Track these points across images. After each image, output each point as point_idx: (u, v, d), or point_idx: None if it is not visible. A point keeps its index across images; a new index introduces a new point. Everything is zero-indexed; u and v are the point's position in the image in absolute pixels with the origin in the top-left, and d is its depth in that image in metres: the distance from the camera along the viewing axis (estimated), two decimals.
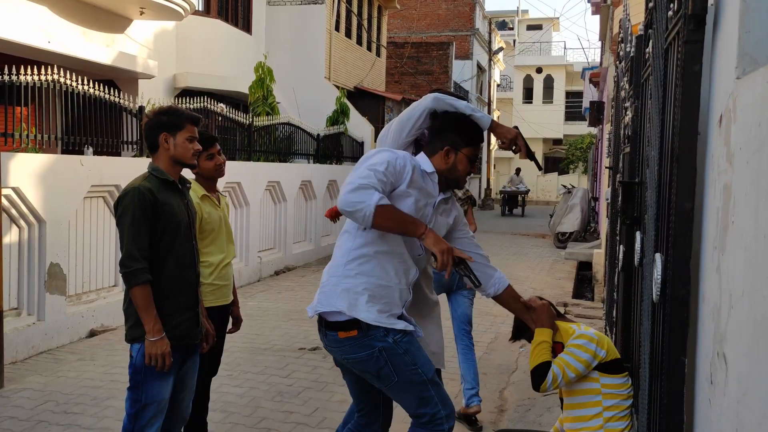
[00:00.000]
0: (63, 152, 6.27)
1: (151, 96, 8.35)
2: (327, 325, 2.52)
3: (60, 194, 5.70)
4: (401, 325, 2.51)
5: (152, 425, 2.68)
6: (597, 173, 15.88)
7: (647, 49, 2.79)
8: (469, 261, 2.53)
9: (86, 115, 6.36)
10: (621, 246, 3.62)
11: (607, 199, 5.56)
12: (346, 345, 2.48)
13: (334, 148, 13.11)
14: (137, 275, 2.60)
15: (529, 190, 25.44)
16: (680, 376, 1.69)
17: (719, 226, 1.45)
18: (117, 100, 6.73)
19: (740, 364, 1.24)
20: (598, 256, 9.73)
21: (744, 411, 1.19)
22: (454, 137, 2.64)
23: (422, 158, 2.65)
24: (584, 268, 11.20)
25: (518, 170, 25.48)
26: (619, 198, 3.40)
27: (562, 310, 7.58)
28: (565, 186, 17.35)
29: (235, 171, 8.70)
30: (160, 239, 2.69)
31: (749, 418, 1.15)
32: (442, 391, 2.59)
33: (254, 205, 9.13)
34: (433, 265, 2.75)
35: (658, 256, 1.95)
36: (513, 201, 23.91)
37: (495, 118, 4.82)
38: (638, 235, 2.79)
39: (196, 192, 3.26)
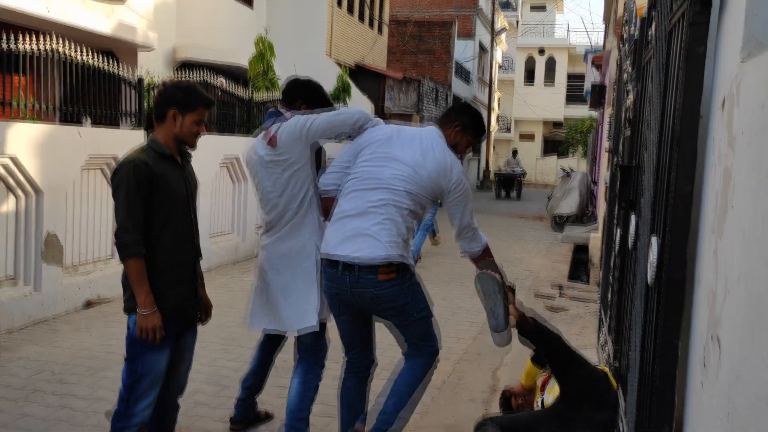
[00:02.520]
0: (61, 122, 6.23)
1: (151, 68, 8.28)
2: (364, 269, 2.88)
3: (57, 164, 5.68)
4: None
5: (148, 396, 2.70)
6: (596, 157, 15.86)
7: (650, 32, 2.77)
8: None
9: (85, 85, 6.31)
10: (618, 229, 3.63)
11: (606, 183, 5.55)
12: (383, 284, 2.90)
13: None
14: (130, 248, 2.60)
15: (525, 172, 24.62)
16: (673, 359, 1.70)
17: (718, 210, 1.45)
18: (116, 71, 6.67)
19: (734, 348, 1.24)
20: (594, 239, 9.75)
21: (736, 394, 1.20)
22: (467, 123, 3.26)
23: (446, 146, 3.19)
24: (581, 251, 11.23)
25: (515, 152, 24.97)
26: (617, 181, 3.40)
27: (557, 292, 7.61)
28: (564, 169, 17.34)
29: (234, 145, 8.66)
30: (156, 213, 2.68)
31: (741, 401, 1.16)
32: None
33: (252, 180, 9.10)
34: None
35: (654, 239, 1.95)
36: (509, 184, 22.97)
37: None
38: (633, 218, 2.79)
39: None
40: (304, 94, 3.40)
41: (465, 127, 3.23)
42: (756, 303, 1.11)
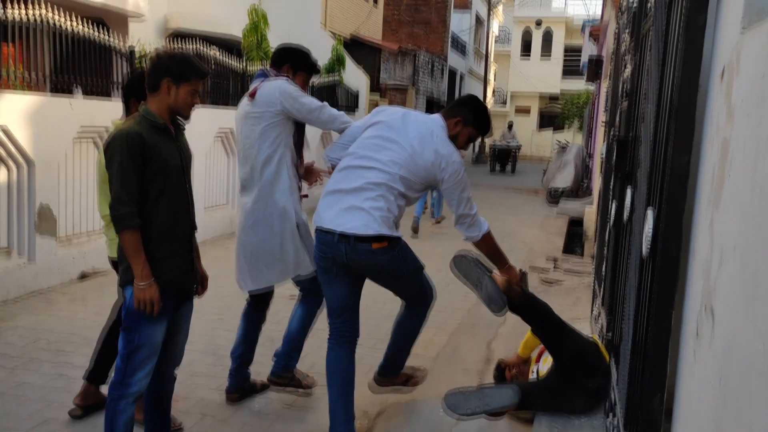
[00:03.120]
0: (51, 92, 6.16)
1: (142, 37, 8.17)
2: (359, 239, 3.04)
3: (49, 135, 5.62)
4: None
5: (145, 367, 2.71)
6: (592, 130, 15.82)
7: (649, 1, 2.74)
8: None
9: (75, 54, 6.22)
10: (613, 202, 3.63)
11: (602, 155, 5.55)
12: (378, 252, 3.08)
13: (329, 99, 12.95)
14: (125, 220, 2.58)
15: (521, 145, 24.46)
16: (666, 330, 1.71)
17: (714, 182, 1.45)
18: (107, 40, 6.58)
19: (728, 318, 1.25)
20: (589, 212, 9.78)
21: (728, 364, 1.20)
22: (469, 118, 3.31)
23: (447, 138, 3.26)
24: (575, 224, 11.27)
25: (511, 124, 24.74)
26: (614, 153, 3.39)
27: (551, 265, 7.65)
28: (559, 142, 17.32)
29: (229, 118, 8.59)
30: (150, 184, 2.66)
31: (734, 370, 1.17)
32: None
33: None
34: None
35: (649, 211, 1.95)
36: (504, 157, 22.86)
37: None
38: (629, 190, 2.79)
39: None
40: (291, 59, 3.61)
41: (466, 121, 3.30)
42: (751, 274, 1.12)
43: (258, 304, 3.82)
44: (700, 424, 1.37)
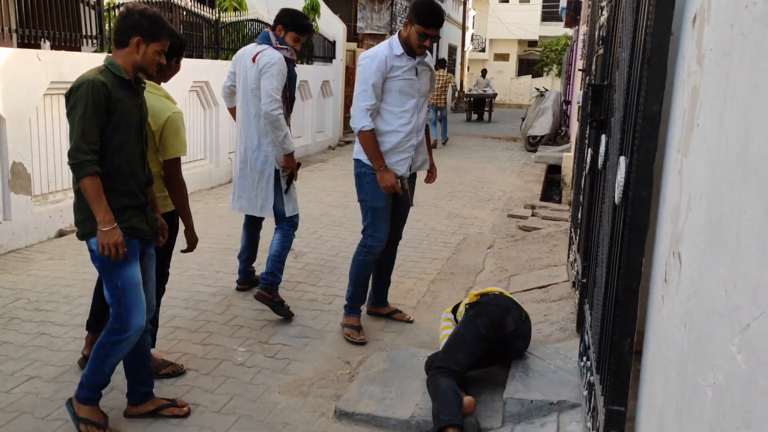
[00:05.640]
0: (18, 46, 5.97)
1: None
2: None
3: (18, 91, 5.48)
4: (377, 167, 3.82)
5: (137, 305, 2.76)
6: (570, 76, 15.74)
7: None
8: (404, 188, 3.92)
9: (42, 5, 6.01)
10: (589, 149, 3.66)
11: (579, 103, 5.55)
12: (355, 164, 3.93)
13: (305, 48, 12.70)
14: (85, 166, 2.58)
15: (496, 93, 23.93)
16: (637, 275, 1.75)
17: (684, 129, 1.47)
18: None
19: (694, 264, 1.29)
20: (567, 159, 9.81)
21: (693, 307, 1.24)
22: (411, 15, 3.74)
23: (395, 41, 3.85)
24: (554, 171, 11.32)
25: (484, 71, 24.11)
26: (589, 101, 3.40)
27: (529, 212, 7.73)
28: (538, 89, 17.22)
29: (203, 70, 8.42)
30: (111, 137, 2.67)
31: (698, 313, 1.21)
32: (378, 220, 3.89)
33: (223, 105, 8.90)
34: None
35: (622, 159, 1.97)
36: (480, 105, 22.29)
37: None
38: (604, 138, 2.81)
39: None
40: (284, 20, 4.22)
41: (410, 21, 3.75)
42: (716, 221, 1.14)
43: (253, 220, 4.64)
44: (667, 365, 1.43)
